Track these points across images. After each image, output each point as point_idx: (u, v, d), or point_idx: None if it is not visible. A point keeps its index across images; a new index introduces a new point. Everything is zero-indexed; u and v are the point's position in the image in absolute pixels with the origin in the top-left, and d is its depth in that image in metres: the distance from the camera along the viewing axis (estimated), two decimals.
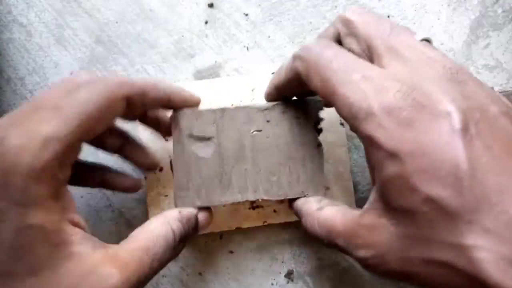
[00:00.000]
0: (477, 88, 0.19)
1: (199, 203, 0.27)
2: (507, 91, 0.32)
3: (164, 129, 0.29)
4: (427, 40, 0.22)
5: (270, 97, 0.27)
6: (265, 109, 0.27)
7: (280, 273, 0.32)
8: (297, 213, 0.27)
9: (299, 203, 0.27)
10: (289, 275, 0.32)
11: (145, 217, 0.32)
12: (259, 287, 0.32)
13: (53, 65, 0.33)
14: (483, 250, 0.16)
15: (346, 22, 0.23)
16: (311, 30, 0.33)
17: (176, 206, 0.27)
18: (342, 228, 0.22)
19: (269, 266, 0.32)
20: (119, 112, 0.23)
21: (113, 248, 0.22)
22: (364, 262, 0.20)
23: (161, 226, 0.24)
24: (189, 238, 0.26)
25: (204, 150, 0.27)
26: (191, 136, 0.27)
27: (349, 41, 0.23)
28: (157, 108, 0.27)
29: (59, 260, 0.20)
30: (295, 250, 0.32)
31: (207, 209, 0.27)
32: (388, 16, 0.33)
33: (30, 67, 0.33)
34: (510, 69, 0.33)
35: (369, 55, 0.22)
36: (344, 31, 0.23)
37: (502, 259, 0.15)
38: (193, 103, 0.27)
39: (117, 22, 0.33)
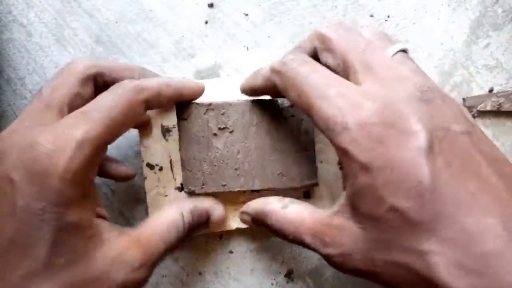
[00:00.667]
0: (444, 107, 0.20)
1: (205, 189, 0.29)
2: (507, 91, 0.32)
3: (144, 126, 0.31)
4: (404, 51, 0.23)
5: (244, 93, 0.29)
6: (265, 104, 0.29)
7: (280, 273, 0.32)
8: (256, 215, 0.28)
9: (258, 204, 0.28)
10: (289, 275, 0.32)
11: (145, 217, 0.32)
12: (259, 287, 0.32)
13: (53, 65, 0.33)
14: (437, 255, 0.18)
15: (322, 38, 0.24)
16: (311, 30, 0.33)
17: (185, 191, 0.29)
18: (310, 226, 0.23)
19: (269, 266, 0.32)
20: (139, 115, 0.25)
21: (134, 233, 0.24)
22: (330, 259, 0.22)
23: (174, 215, 0.26)
24: (197, 231, 0.28)
25: (213, 141, 0.29)
26: (201, 126, 0.29)
27: (325, 56, 0.24)
28: (170, 106, 0.28)
29: (92, 250, 0.22)
30: (295, 250, 0.32)
31: (220, 206, 0.29)
32: (388, 16, 0.33)
33: (30, 67, 0.33)
34: (510, 69, 0.33)
35: (344, 70, 0.23)
36: (320, 46, 0.24)
37: (452, 263, 0.18)
38: (200, 92, 0.29)
39: (117, 22, 0.33)
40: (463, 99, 0.32)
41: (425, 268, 0.18)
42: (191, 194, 0.29)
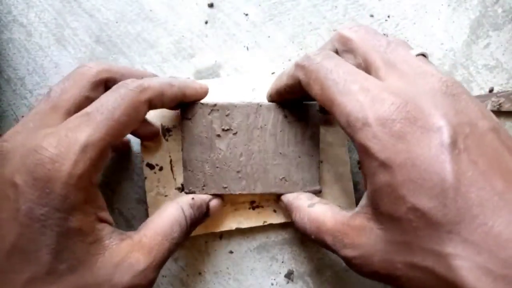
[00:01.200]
0: (470, 102, 0.20)
1: (206, 191, 0.29)
2: (507, 91, 0.32)
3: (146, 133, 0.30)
4: (423, 55, 0.23)
5: (271, 98, 0.29)
6: (271, 108, 0.29)
7: (280, 273, 0.32)
8: (286, 207, 0.28)
9: (290, 197, 0.28)
10: (289, 275, 0.32)
11: (145, 217, 0.32)
12: (259, 287, 0.32)
13: (53, 65, 0.33)
14: (461, 258, 0.17)
15: (343, 40, 0.24)
16: (311, 30, 0.33)
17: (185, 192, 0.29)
18: (331, 226, 0.23)
19: (269, 266, 0.32)
20: (143, 115, 0.25)
21: (136, 236, 0.24)
22: (349, 261, 0.21)
23: (175, 211, 0.26)
24: (200, 223, 0.28)
25: (216, 142, 0.29)
26: (204, 127, 0.29)
27: (346, 57, 0.24)
28: (173, 106, 0.28)
29: (95, 256, 0.22)
30: (295, 250, 0.32)
31: (218, 195, 0.29)
32: (388, 16, 0.33)
33: (30, 67, 0.33)
34: (510, 69, 0.33)
35: (366, 68, 0.22)
36: (341, 48, 0.24)
37: (478, 267, 0.17)
38: (204, 94, 0.29)
39: (117, 22, 0.33)
40: None
41: (449, 272, 0.17)
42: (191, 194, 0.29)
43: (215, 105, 0.29)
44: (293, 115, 0.29)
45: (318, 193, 0.29)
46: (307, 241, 0.32)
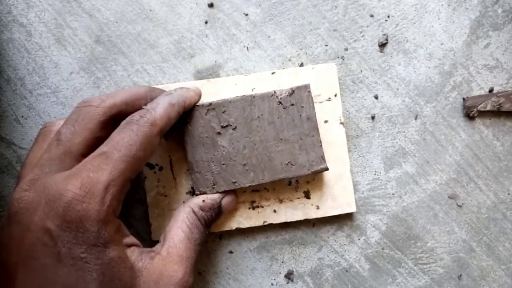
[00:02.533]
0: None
1: (217, 189, 0.29)
2: (507, 91, 0.32)
3: None
4: None
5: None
6: (264, 97, 0.29)
7: (280, 273, 0.32)
8: None
9: None
10: (289, 275, 0.32)
11: (145, 217, 0.32)
12: (259, 287, 0.32)
13: (53, 65, 0.33)
14: None
15: None
16: (311, 30, 0.33)
17: (195, 191, 0.30)
18: None
19: (269, 266, 0.32)
20: (156, 145, 0.26)
21: (163, 249, 0.26)
22: None
23: (189, 215, 0.28)
24: (215, 221, 0.29)
25: (217, 140, 0.29)
26: (204, 127, 0.29)
27: None
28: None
29: (136, 279, 0.24)
30: (295, 250, 0.32)
31: (230, 192, 0.30)
32: (388, 16, 0.33)
33: (30, 67, 0.33)
34: (510, 69, 0.33)
35: None
36: None
37: None
38: (199, 97, 0.30)
39: (117, 22, 0.33)
40: (463, 99, 0.32)
41: None
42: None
43: (210, 104, 0.29)
44: (287, 100, 0.29)
45: (325, 170, 0.29)
46: (307, 241, 0.32)
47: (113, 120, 0.26)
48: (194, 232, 0.27)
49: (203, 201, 0.29)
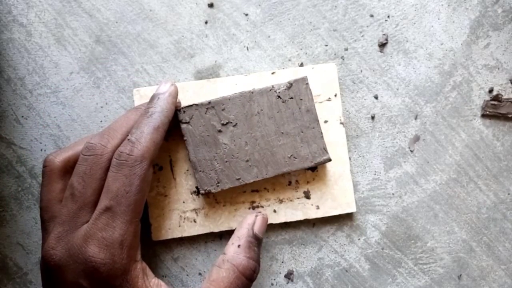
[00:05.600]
0: None
1: (221, 187, 0.29)
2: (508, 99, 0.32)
3: None
4: None
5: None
6: (263, 92, 0.29)
7: (280, 273, 0.32)
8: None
9: None
10: (289, 275, 0.32)
11: (145, 217, 0.32)
12: (259, 287, 0.32)
13: (53, 65, 0.33)
14: None
15: None
16: (311, 30, 0.33)
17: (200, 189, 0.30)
18: None
19: (269, 266, 0.32)
20: (151, 176, 0.27)
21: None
22: None
23: (227, 273, 0.27)
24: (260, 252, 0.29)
25: (219, 137, 0.29)
26: (204, 126, 0.29)
27: None
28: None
29: None
30: (295, 250, 0.32)
31: (258, 214, 0.30)
32: (388, 16, 0.33)
33: (30, 67, 0.33)
34: (510, 69, 0.33)
35: None
36: None
37: None
38: (177, 95, 0.29)
39: (117, 22, 0.33)
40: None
41: None
42: (208, 194, 0.30)
43: (209, 102, 0.29)
44: (285, 94, 0.29)
45: (328, 161, 0.30)
46: (307, 241, 0.32)
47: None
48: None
49: (239, 246, 0.28)
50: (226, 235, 0.32)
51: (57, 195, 0.27)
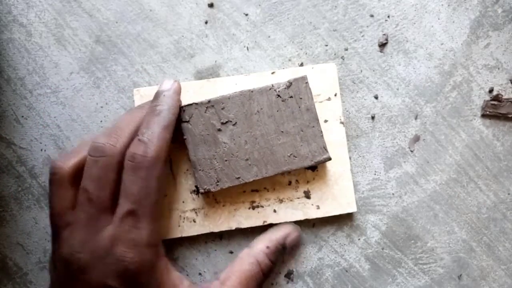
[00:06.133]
0: None
1: (220, 186, 0.29)
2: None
3: None
4: None
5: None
6: (263, 91, 0.29)
7: (280, 273, 0.32)
8: None
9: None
10: (289, 275, 0.32)
11: None
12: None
13: (53, 65, 0.33)
14: None
15: None
16: (311, 30, 0.33)
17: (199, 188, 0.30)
18: None
19: None
20: (166, 173, 0.28)
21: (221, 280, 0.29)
22: None
23: (250, 267, 0.29)
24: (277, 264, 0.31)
25: (219, 136, 0.29)
26: (204, 125, 0.29)
27: None
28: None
29: None
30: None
31: (294, 228, 0.31)
32: (388, 16, 0.33)
33: (30, 67, 0.33)
34: (510, 69, 0.33)
35: None
36: None
37: None
38: (180, 92, 0.29)
39: (117, 22, 0.33)
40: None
41: None
42: (207, 193, 0.30)
43: (209, 101, 0.29)
44: (285, 93, 0.29)
45: (328, 160, 0.30)
46: (307, 241, 0.32)
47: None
48: (250, 285, 0.28)
49: (268, 247, 0.29)
50: (226, 235, 0.32)
51: (70, 201, 0.27)
